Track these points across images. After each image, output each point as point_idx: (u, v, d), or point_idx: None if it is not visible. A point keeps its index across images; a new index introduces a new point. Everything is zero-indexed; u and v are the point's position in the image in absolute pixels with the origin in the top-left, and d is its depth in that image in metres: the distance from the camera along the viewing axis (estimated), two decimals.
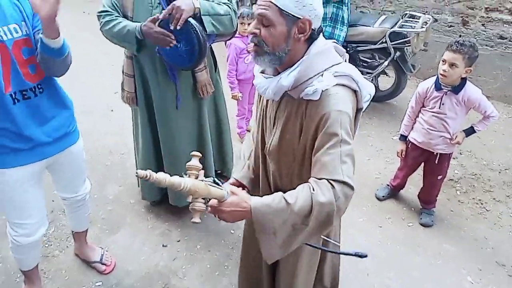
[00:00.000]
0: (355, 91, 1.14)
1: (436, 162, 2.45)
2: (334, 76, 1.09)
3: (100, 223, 2.51)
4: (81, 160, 1.84)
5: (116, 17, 1.88)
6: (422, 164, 2.61)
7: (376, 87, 3.98)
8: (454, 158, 3.24)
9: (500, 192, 2.91)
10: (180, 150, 2.23)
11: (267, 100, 1.29)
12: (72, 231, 2.17)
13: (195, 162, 1.04)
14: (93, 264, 2.17)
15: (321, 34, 1.15)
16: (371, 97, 1.22)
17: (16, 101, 1.44)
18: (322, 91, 1.07)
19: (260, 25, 1.08)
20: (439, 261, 2.33)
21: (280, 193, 1.06)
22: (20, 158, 1.55)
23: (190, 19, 1.78)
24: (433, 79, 2.31)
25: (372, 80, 3.75)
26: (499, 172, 3.12)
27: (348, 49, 3.75)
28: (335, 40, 1.27)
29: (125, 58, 2.09)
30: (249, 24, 2.98)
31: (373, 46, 3.59)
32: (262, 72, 1.22)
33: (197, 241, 2.40)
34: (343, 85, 1.10)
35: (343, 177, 1.03)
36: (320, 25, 1.13)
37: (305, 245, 1.26)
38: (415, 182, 2.94)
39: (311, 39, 1.12)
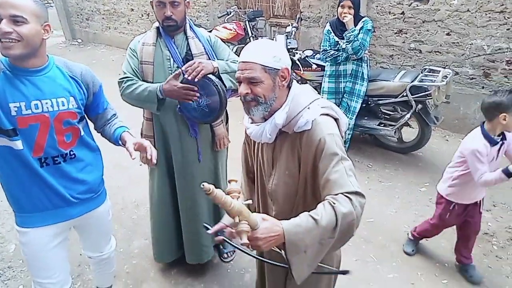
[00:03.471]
0: (336, 120, 1.32)
1: (481, 210, 2.37)
2: (320, 107, 1.28)
3: (125, 278, 2.51)
4: (107, 221, 1.88)
5: (137, 81, 2.02)
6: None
7: (400, 139, 3.97)
8: (487, 211, 3.10)
9: None
10: (198, 202, 2.28)
11: (262, 146, 1.43)
12: (97, 287, 2.18)
13: (234, 185, 1.11)
14: None
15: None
16: (348, 127, 1.34)
17: (45, 164, 1.52)
18: (312, 120, 1.24)
19: (249, 85, 1.25)
20: None
21: (305, 212, 1.13)
22: (45, 218, 1.60)
23: (210, 75, 1.93)
24: (476, 136, 2.17)
25: (395, 132, 3.76)
26: None
27: (369, 102, 3.83)
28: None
29: (144, 121, 2.20)
30: None
31: (394, 100, 3.66)
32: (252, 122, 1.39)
33: None
34: (327, 114, 1.28)
35: (354, 187, 1.15)
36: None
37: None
38: (447, 236, 2.81)
39: (289, 85, 1.31)
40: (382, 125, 3.85)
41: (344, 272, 1.27)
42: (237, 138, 2.27)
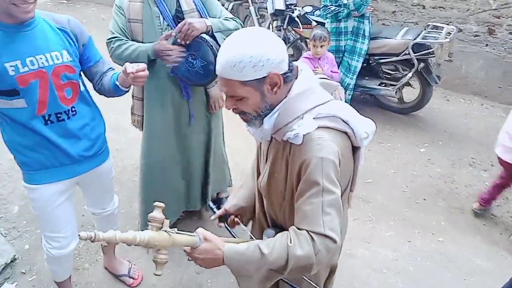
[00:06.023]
0: (346, 132, 1.08)
1: None
2: (315, 118, 1.04)
3: None
4: (110, 178, 1.91)
5: (127, 41, 1.93)
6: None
7: (401, 99, 3.93)
8: (485, 171, 3.14)
9: None
10: (193, 164, 2.31)
11: None
12: (101, 245, 2.23)
13: (157, 213, 1.00)
14: (121, 278, 2.22)
15: (301, 70, 1.09)
16: (369, 136, 1.14)
17: (49, 122, 1.52)
18: (304, 135, 1.02)
19: (233, 101, 1.05)
20: (472, 278, 2.24)
21: (256, 241, 1.05)
22: (52, 175, 1.62)
23: (204, 35, 1.85)
24: None
25: (396, 92, 3.70)
26: None
27: (370, 61, 3.74)
28: (330, 76, 1.27)
29: None
30: (321, 46, 3.03)
31: (396, 58, 3.56)
32: None
33: None
34: (327, 127, 1.04)
35: (325, 230, 0.99)
36: (291, 64, 1.05)
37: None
38: (444, 196, 2.86)
39: (290, 79, 1.05)
40: (383, 85, 3.78)
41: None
42: None
